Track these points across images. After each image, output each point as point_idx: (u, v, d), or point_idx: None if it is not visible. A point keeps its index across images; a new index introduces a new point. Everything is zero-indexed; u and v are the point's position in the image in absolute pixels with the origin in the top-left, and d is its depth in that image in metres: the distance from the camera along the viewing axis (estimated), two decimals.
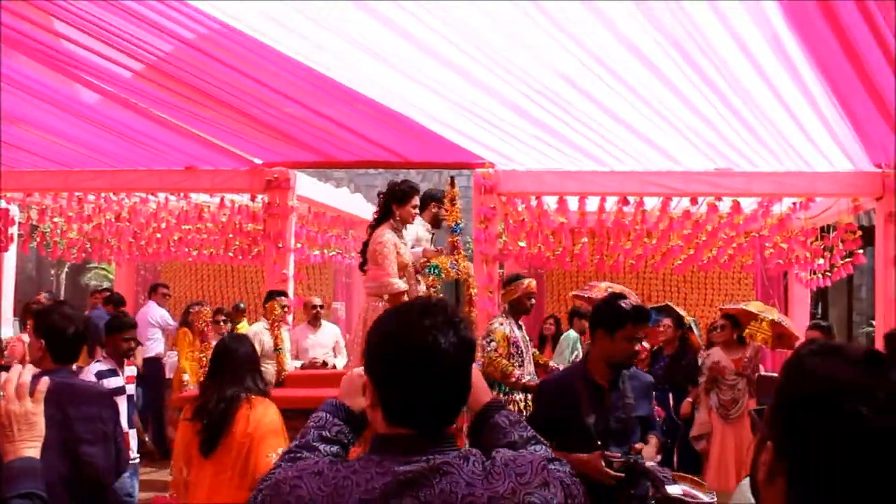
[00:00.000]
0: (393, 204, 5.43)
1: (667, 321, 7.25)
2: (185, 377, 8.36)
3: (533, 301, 6.30)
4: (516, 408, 5.90)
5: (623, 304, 3.48)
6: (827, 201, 7.44)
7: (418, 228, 6.28)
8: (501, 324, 6.00)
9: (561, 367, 6.16)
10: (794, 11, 4.57)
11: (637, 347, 3.56)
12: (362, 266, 5.71)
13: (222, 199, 8.79)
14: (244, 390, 3.67)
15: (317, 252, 9.55)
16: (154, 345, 9.34)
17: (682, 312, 7.50)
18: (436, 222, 6.44)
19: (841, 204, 7.21)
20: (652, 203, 7.19)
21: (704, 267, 7.93)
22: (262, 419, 3.63)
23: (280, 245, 7.58)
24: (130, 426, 5.67)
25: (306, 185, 8.21)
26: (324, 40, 5.09)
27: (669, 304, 7.72)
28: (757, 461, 1.22)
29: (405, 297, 5.42)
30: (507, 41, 5.12)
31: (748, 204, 7.46)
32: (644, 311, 3.64)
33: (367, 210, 10.46)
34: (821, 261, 7.50)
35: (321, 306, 7.99)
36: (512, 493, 1.50)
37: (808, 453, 1.12)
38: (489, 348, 5.87)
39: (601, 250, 7.34)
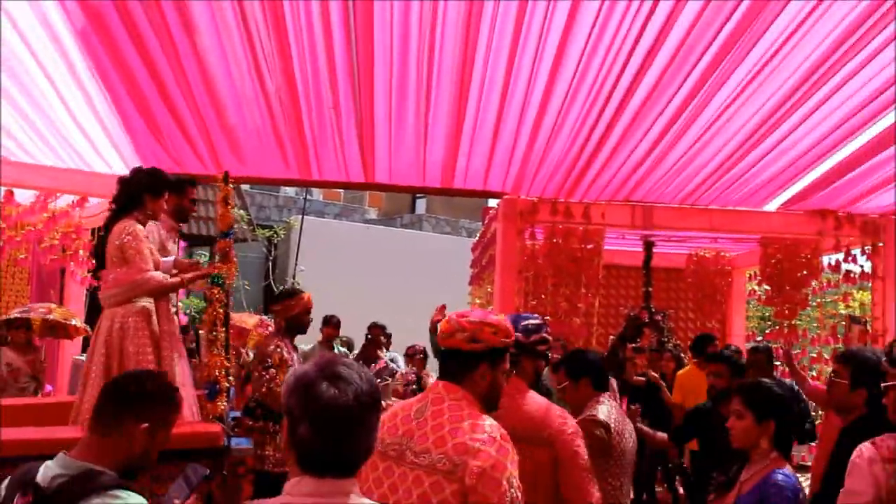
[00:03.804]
0: (146, 194, 4.53)
1: None
2: None
3: (311, 318, 5.44)
4: None
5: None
6: (104, 202, 7.69)
7: (158, 231, 4.98)
8: (278, 346, 5.07)
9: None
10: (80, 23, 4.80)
11: None
12: (96, 273, 4.31)
13: None
14: None
15: None
16: None
17: None
18: (180, 214, 5.14)
19: None
20: None
21: None
22: None
23: None
24: None
25: None
26: None
27: None
28: None
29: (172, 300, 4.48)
30: None
31: (26, 197, 7.30)
32: None
33: None
34: (94, 260, 7.73)
35: None
36: None
37: None
38: (266, 376, 4.86)
39: None
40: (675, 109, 5.56)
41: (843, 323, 8.08)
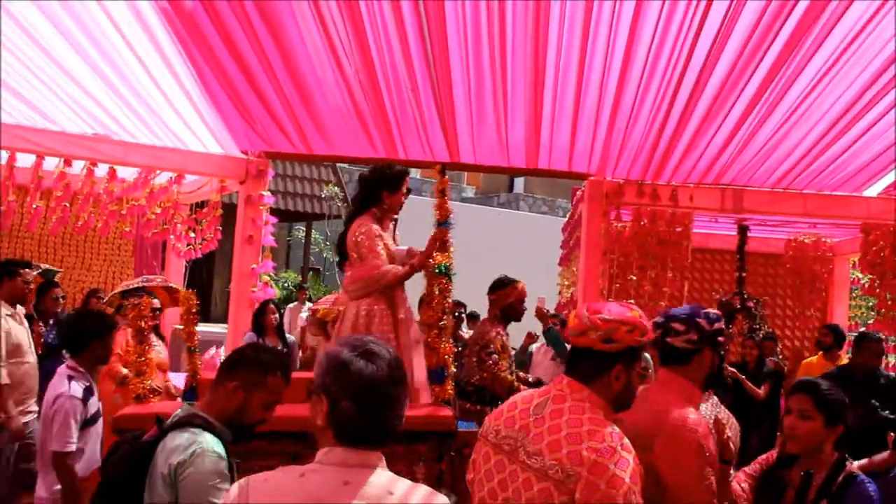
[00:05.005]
0: (384, 191, 4.57)
1: None
2: None
3: (525, 306, 5.54)
4: None
5: None
6: (201, 179, 8.05)
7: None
8: (499, 334, 5.26)
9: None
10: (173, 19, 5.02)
11: None
12: (340, 265, 4.73)
13: None
14: None
15: None
16: None
17: None
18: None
19: (213, 183, 7.87)
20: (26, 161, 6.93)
21: (80, 230, 7.93)
22: None
23: None
24: None
25: None
26: None
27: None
28: None
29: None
30: None
31: (129, 174, 7.68)
32: None
33: None
34: (192, 234, 8.10)
35: None
36: None
37: None
38: (490, 362, 5.10)
39: None
40: (755, 90, 5.39)
41: None
